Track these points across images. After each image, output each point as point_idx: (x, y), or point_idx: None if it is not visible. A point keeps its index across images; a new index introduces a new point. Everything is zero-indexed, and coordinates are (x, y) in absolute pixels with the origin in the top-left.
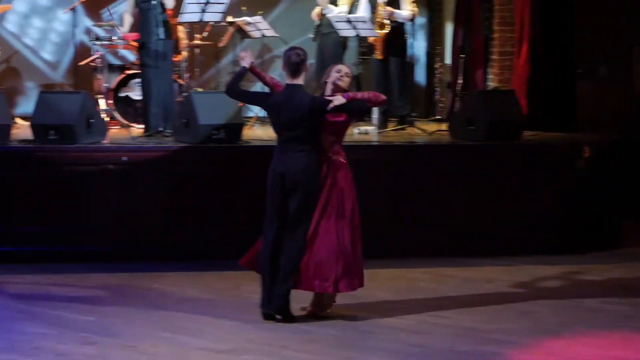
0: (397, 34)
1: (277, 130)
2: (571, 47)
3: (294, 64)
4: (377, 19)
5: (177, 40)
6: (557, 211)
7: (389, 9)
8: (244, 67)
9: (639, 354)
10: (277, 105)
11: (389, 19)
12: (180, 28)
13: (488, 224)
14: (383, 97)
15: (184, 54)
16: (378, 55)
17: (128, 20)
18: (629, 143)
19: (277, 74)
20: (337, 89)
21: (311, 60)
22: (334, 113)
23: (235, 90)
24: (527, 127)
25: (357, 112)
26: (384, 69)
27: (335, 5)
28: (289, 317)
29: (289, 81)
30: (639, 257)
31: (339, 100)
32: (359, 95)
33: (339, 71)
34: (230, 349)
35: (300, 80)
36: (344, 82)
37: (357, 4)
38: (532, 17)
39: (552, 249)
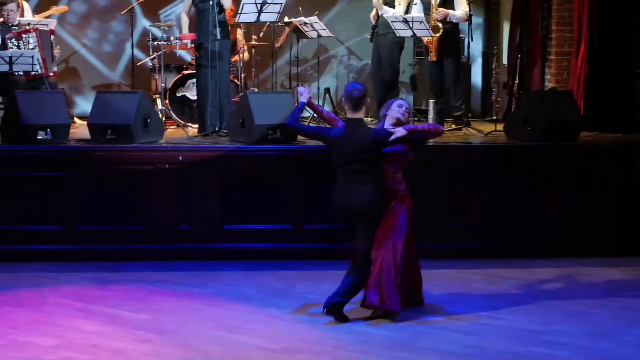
0: (451, 35)
1: (339, 164)
2: (629, 48)
3: (356, 100)
4: (431, 21)
5: (234, 41)
6: (615, 213)
7: (443, 10)
8: (302, 102)
9: None
10: (339, 139)
11: (443, 20)
12: (238, 30)
13: (545, 226)
14: (442, 129)
15: (242, 54)
16: (432, 57)
17: (185, 19)
18: None
19: (332, 74)
20: (398, 123)
21: (367, 61)
22: (394, 145)
23: (296, 126)
24: (585, 127)
25: (417, 143)
26: (438, 70)
27: (392, 6)
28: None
29: (350, 115)
30: None
31: (400, 132)
32: (419, 127)
33: (400, 106)
34: (284, 348)
35: (361, 115)
36: (405, 118)
37: (412, 5)
38: (590, 17)
39: (609, 251)
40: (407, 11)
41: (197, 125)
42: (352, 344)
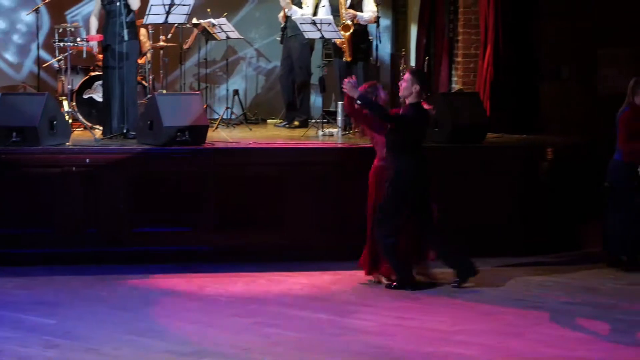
0: (361, 37)
1: (420, 142)
2: (534, 50)
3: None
4: (341, 21)
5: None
6: (520, 213)
7: (351, 11)
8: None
9: (601, 355)
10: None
11: (352, 21)
12: (142, 31)
13: (452, 226)
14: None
15: (146, 56)
16: (347, 57)
17: (94, 22)
18: (592, 145)
19: (241, 75)
20: None
21: (276, 63)
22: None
23: (386, 113)
24: (491, 129)
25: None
26: (348, 71)
27: (300, 7)
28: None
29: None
30: (601, 258)
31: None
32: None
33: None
34: (194, 351)
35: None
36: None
37: (320, 7)
38: (496, 20)
39: (515, 251)
40: (315, 13)
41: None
42: (262, 346)
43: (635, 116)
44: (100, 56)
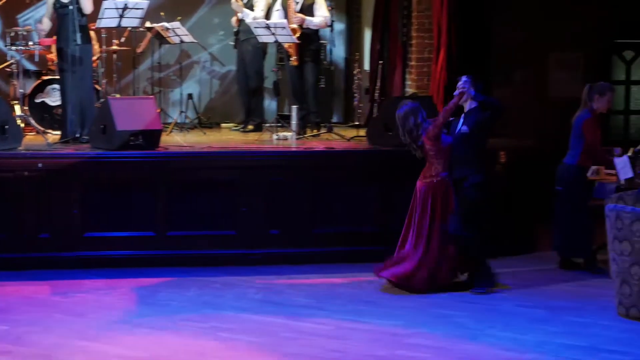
0: (311, 40)
1: None
2: (487, 54)
3: None
4: (290, 26)
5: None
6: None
7: (300, 15)
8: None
9: (553, 357)
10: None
11: (299, 26)
12: (92, 35)
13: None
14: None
15: (96, 61)
16: (293, 61)
17: (47, 25)
18: (545, 148)
19: (196, 79)
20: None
21: (230, 67)
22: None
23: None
24: None
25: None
26: (299, 75)
27: (251, 9)
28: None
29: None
30: (553, 260)
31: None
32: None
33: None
34: (148, 357)
35: None
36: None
37: (273, 11)
38: (449, 24)
39: None
40: (267, 16)
41: (57, 132)
42: (216, 351)
43: (597, 122)
44: (54, 59)
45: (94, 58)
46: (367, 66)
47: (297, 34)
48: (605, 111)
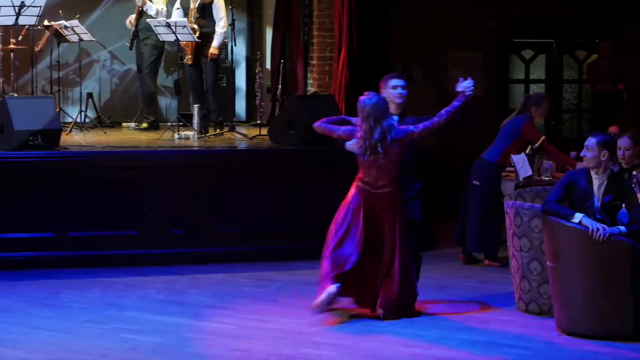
0: (210, 40)
1: None
2: (387, 53)
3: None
4: (190, 25)
5: None
6: None
7: (195, 26)
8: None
9: (456, 353)
10: None
11: (198, 24)
12: None
13: (308, 229)
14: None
15: None
16: (188, 60)
17: None
18: (446, 147)
19: (95, 78)
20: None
21: (130, 65)
22: None
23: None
24: None
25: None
26: (198, 74)
27: (151, 1)
28: None
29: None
30: (455, 257)
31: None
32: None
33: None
34: (49, 359)
35: None
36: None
37: (174, 9)
38: (350, 23)
39: None
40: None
41: None
42: (119, 352)
43: (535, 125)
44: None
45: None
46: (269, 65)
47: (197, 33)
48: (541, 120)
